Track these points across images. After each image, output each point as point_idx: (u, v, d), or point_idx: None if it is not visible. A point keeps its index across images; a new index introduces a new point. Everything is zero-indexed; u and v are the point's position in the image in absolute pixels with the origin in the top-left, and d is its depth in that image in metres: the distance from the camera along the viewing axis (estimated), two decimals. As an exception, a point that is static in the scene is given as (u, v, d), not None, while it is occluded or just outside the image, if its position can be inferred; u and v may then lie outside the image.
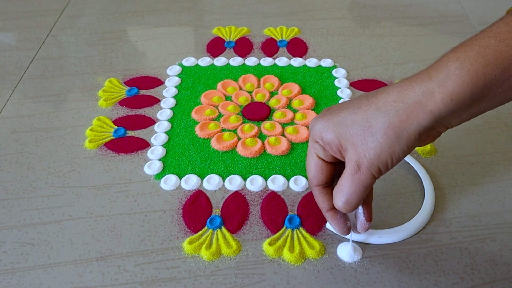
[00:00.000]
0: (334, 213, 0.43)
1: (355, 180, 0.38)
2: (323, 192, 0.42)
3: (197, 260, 0.46)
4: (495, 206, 0.51)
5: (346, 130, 0.37)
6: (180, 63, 0.72)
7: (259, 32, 0.79)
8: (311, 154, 0.41)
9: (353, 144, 0.37)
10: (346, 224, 0.44)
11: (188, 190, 0.53)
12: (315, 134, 0.40)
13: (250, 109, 0.63)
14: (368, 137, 0.36)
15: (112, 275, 0.45)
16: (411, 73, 0.69)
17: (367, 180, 0.38)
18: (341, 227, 0.44)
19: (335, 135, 0.38)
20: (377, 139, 0.36)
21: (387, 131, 0.35)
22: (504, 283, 0.44)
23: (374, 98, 0.37)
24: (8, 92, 0.68)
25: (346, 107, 0.38)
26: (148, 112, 0.63)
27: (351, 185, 0.38)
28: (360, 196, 0.39)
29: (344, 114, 0.38)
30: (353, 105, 0.38)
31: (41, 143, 0.59)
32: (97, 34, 0.80)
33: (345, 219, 0.44)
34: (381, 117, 0.36)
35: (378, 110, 0.36)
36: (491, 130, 0.60)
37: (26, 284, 0.44)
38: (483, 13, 0.83)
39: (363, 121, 0.37)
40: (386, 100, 0.36)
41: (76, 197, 0.53)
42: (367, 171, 0.37)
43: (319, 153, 0.40)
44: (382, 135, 0.36)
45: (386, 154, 0.36)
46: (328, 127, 0.38)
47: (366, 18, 0.83)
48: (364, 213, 0.43)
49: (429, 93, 0.34)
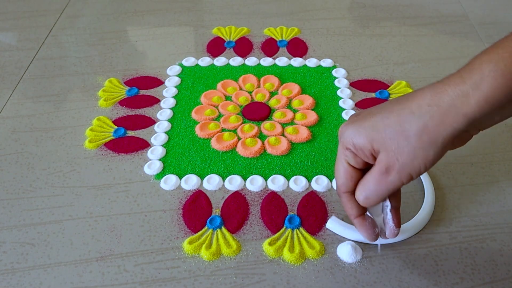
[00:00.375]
0: (362, 219, 0.43)
1: (381, 180, 0.38)
2: (351, 199, 0.42)
3: (197, 260, 0.46)
4: (495, 206, 0.51)
5: (379, 134, 0.37)
6: (180, 63, 0.72)
7: (259, 32, 0.79)
8: (341, 161, 0.41)
9: (386, 148, 0.37)
10: (375, 230, 0.43)
11: (188, 190, 0.53)
12: (345, 140, 0.39)
13: (250, 109, 0.63)
14: (402, 141, 0.36)
15: (112, 275, 0.45)
16: (411, 73, 0.69)
17: (393, 183, 0.38)
18: (369, 233, 0.43)
19: (367, 139, 0.38)
20: (411, 143, 0.35)
21: (422, 136, 0.35)
22: (504, 283, 0.44)
23: (407, 101, 0.36)
24: (8, 92, 0.68)
25: (378, 112, 0.38)
26: (148, 112, 0.63)
27: (375, 184, 0.38)
28: (382, 196, 0.39)
29: (376, 118, 0.38)
30: (385, 110, 0.38)
31: (41, 143, 0.59)
32: (97, 34, 0.80)
33: (373, 225, 0.43)
34: (415, 121, 0.35)
35: (412, 114, 0.35)
36: (491, 130, 0.59)
37: (26, 284, 0.44)
38: (483, 13, 0.83)
39: (396, 125, 0.36)
40: (419, 103, 0.35)
41: (76, 197, 0.53)
42: (396, 175, 0.37)
43: (349, 160, 0.40)
44: (417, 140, 0.35)
45: (419, 160, 0.36)
46: (360, 132, 0.38)
47: (366, 18, 0.83)
48: (393, 219, 0.42)
49: (463, 96, 0.33)
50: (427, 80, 0.68)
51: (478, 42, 0.76)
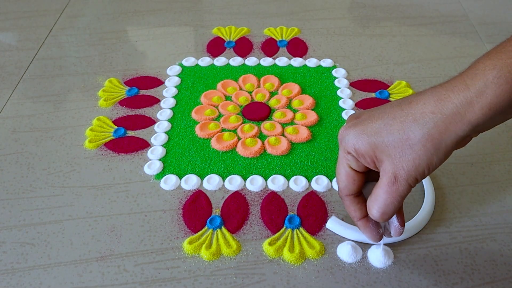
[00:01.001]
0: (366, 221, 0.43)
1: (393, 191, 0.38)
2: (354, 201, 0.42)
3: (197, 260, 0.46)
4: (495, 206, 0.51)
5: (382, 142, 0.37)
6: (180, 63, 0.72)
7: (259, 32, 0.79)
8: (343, 164, 0.40)
9: (390, 156, 0.37)
10: (379, 231, 0.43)
11: (188, 190, 0.53)
12: (347, 145, 0.39)
13: (250, 109, 0.63)
14: (406, 149, 0.36)
15: (112, 275, 0.45)
16: (411, 73, 0.69)
17: (404, 190, 0.38)
18: (373, 234, 0.43)
19: (369, 146, 0.37)
20: (415, 151, 0.36)
21: (426, 144, 0.35)
22: (504, 283, 0.44)
23: (409, 108, 0.36)
24: (8, 92, 0.68)
25: (380, 117, 0.38)
26: (148, 112, 0.63)
27: (388, 196, 0.38)
28: (397, 206, 0.39)
29: (379, 124, 0.37)
30: (387, 115, 0.37)
31: (41, 143, 0.59)
32: (97, 34, 0.80)
33: (377, 226, 0.43)
34: (419, 129, 0.35)
35: (416, 121, 0.35)
36: (491, 130, 0.59)
37: (26, 284, 0.44)
38: (483, 13, 0.83)
39: (400, 133, 0.36)
40: (423, 111, 0.35)
41: (76, 197, 0.53)
42: (405, 182, 0.37)
43: (351, 164, 0.40)
44: (421, 148, 0.35)
45: (423, 165, 0.36)
46: (362, 138, 0.38)
47: (366, 18, 0.83)
48: (397, 218, 0.42)
49: (467, 103, 0.33)
50: (427, 80, 0.68)
51: (478, 42, 0.76)
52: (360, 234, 0.47)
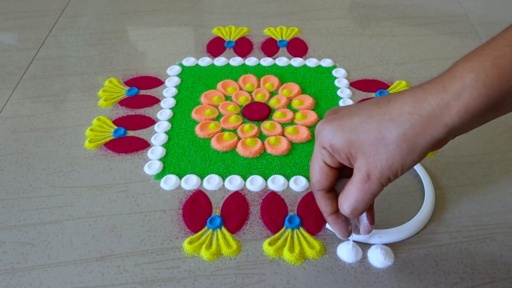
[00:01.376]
0: (336, 217, 0.43)
1: (365, 188, 0.38)
2: (325, 196, 0.42)
3: (197, 260, 0.46)
4: (495, 206, 0.51)
5: (358, 139, 0.37)
6: (180, 63, 0.72)
7: (259, 32, 0.79)
8: (317, 159, 0.40)
9: (364, 154, 0.37)
10: (348, 228, 0.44)
11: (188, 190, 0.53)
12: (323, 140, 0.39)
13: (250, 109, 0.63)
14: (381, 148, 0.36)
15: (112, 275, 0.45)
16: (411, 73, 0.69)
17: (376, 189, 0.38)
18: (342, 231, 0.43)
19: (345, 143, 0.37)
20: (389, 151, 0.36)
21: (401, 144, 0.35)
22: (504, 283, 0.44)
23: (388, 107, 0.36)
24: (8, 92, 0.68)
25: (357, 114, 0.38)
26: (148, 112, 0.63)
27: (360, 194, 0.38)
28: (368, 203, 0.39)
29: (355, 121, 0.37)
30: (364, 111, 0.37)
31: (41, 143, 0.59)
32: (97, 34, 0.80)
33: (346, 222, 0.43)
34: (395, 129, 0.35)
35: (392, 121, 0.35)
36: (491, 130, 0.60)
37: (26, 284, 0.44)
38: (483, 13, 0.83)
39: (376, 132, 0.36)
40: (400, 111, 0.35)
41: (76, 197, 0.53)
42: (377, 181, 0.37)
43: (325, 159, 0.40)
44: (396, 147, 0.35)
45: (397, 165, 0.36)
46: (338, 134, 0.38)
47: (366, 18, 0.83)
48: (367, 216, 0.42)
49: (444, 106, 0.33)
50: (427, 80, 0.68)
51: (478, 42, 0.76)
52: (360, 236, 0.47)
